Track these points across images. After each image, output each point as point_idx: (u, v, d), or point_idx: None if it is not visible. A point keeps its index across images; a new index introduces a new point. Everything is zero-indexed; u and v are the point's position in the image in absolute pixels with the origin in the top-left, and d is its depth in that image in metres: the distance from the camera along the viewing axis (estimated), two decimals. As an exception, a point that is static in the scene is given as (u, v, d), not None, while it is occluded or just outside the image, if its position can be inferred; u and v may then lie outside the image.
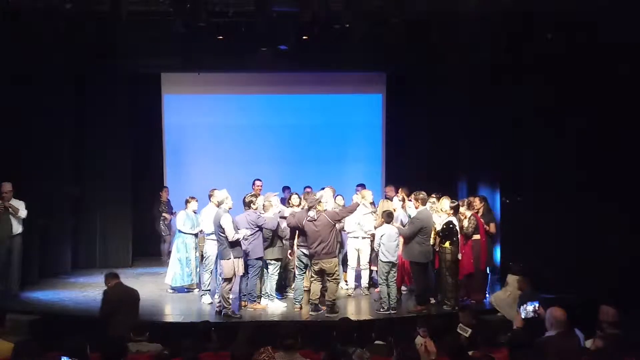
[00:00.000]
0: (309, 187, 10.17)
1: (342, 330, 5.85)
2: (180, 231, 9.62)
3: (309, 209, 8.30)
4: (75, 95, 11.10)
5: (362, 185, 10.44)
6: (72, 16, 8.57)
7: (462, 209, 8.92)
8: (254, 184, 10.06)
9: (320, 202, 8.40)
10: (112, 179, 11.50)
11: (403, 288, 9.33)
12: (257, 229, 8.34)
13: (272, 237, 8.60)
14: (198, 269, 9.69)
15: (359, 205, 8.84)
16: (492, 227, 9.29)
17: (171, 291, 9.60)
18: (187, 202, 9.74)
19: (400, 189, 9.66)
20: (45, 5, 8.37)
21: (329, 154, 12.62)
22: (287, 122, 12.72)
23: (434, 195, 9.17)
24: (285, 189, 10.91)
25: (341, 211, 8.68)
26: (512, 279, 8.18)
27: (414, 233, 8.43)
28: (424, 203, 8.63)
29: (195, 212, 9.68)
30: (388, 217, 8.57)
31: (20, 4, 8.38)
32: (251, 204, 8.41)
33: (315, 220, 8.19)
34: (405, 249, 8.62)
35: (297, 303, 8.60)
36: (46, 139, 10.31)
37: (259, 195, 9.17)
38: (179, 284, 9.55)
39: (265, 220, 8.40)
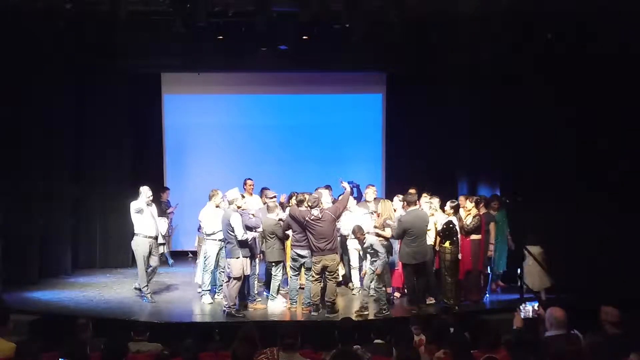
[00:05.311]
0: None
1: (342, 330, 5.84)
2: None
3: (312, 208, 8.25)
4: (75, 96, 11.10)
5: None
6: (72, 16, 8.58)
7: (468, 204, 8.87)
8: (245, 183, 10.01)
9: (321, 201, 8.42)
10: (112, 179, 11.50)
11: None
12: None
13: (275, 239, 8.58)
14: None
15: (350, 194, 8.83)
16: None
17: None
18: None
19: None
20: (45, 5, 8.37)
21: (329, 154, 12.61)
22: (287, 122, 12.72)
23: (426, 195, 9.15)
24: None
25: (339, 203, 8.66)
26: None
27: (400, 235, 8.45)
28: (409, 205, 8.56)
29: None
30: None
31: (20, 4, 8.39)
32: None
33: (320, 218, 8.17)
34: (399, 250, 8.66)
35: (293, 303, 8.60)
36: (46, 138, 10.32)
37: (252, 194, 9.08)
38: None
39: (251, 220, 8.35)
